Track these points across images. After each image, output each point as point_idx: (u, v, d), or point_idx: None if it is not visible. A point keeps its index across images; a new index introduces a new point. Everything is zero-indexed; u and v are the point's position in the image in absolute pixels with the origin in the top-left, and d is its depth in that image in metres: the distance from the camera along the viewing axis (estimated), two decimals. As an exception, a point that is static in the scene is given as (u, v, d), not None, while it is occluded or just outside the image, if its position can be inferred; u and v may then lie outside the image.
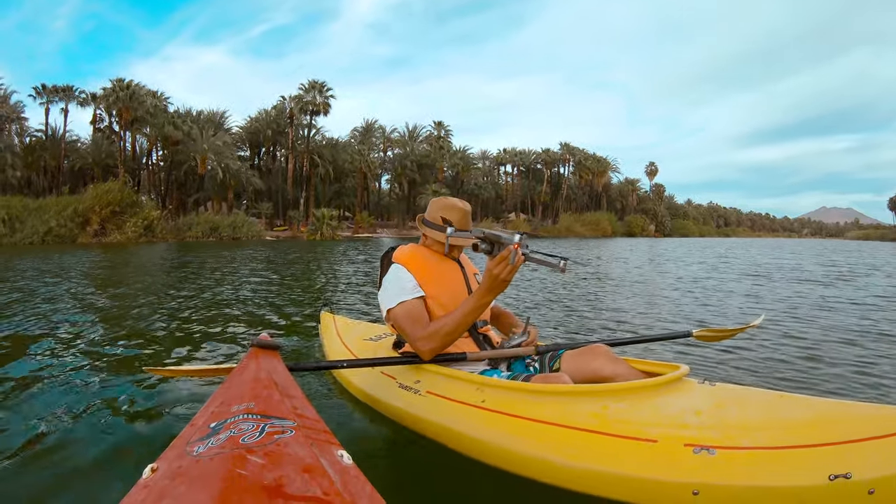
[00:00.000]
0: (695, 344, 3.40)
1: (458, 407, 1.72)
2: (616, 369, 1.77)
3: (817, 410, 1.35)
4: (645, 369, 1.81)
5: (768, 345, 3.71)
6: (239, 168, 37.70)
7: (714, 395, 1.50)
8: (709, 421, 1.36)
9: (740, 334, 2.62)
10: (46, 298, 5.68)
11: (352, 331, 2.89)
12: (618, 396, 1.51)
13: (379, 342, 2.50)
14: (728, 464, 1.24)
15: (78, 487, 1.60)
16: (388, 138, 53.21)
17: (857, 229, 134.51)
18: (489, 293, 1.70)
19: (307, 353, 3.32)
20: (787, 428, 1.28)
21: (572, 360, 1.88)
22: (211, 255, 15.40)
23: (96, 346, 3.41)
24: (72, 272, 8.99)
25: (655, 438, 1.35)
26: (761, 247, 30.10)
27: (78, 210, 25.46)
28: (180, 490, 0.70)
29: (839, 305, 5.92)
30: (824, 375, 2.97)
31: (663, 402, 1.48)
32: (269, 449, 0.80)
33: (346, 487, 0.73)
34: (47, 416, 2.13)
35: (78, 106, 37.58)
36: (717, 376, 2.85)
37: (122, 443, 1.93)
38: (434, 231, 2.00)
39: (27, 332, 3.88)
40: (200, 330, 4.06)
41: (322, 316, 3.38)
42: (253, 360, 1.38)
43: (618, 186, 72.23)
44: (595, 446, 1.41)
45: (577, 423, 1.47)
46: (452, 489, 1.69)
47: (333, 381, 2.57)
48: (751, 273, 10.45)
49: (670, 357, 3.29)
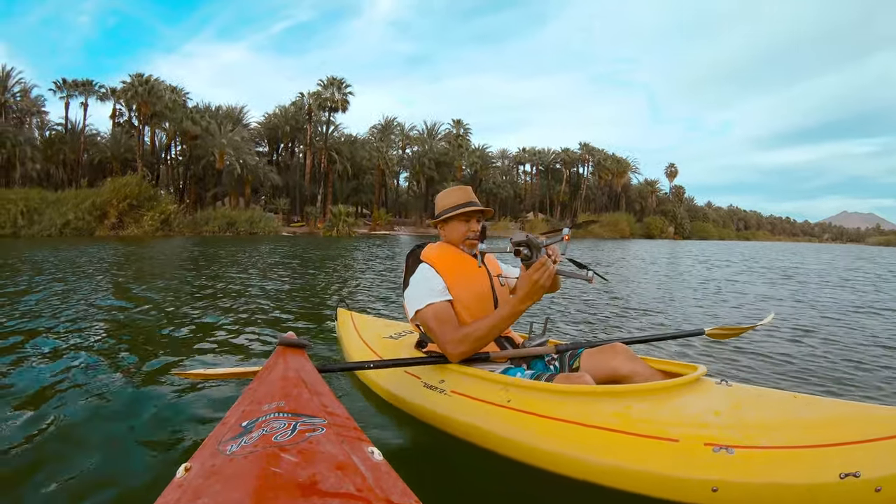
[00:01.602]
0: (708, 342, 3.54)
1: (484, 406, 1.75)
2: (635, 368, 1.79)
3: (829, 411, 1.41)
4: (662, 368, 1.85)
5: (789, 345, 3.81)
6: (257, 163, 37.57)
7: (731, 396, 1.56)
8: (727, 421, 1.41)
9: (754, 332, 2.78)
10: (66, 293, 5.47)
11: (370, 328, 2.88)
12: (640, 397, 1.55)
13: (400, 340, 2.51)
14: (746, 462, 1.29)
15: (112, 488, 1.59)
16: (406, 136, 52.75)
17: (878, 235, 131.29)
18: (527, 300, 1.69)
19: (330, 351, 3.25)
20: (801, 428, 1.34)
21: (592, 358, 1.89)
22: (227, 250, 15.28)
23: (121, 346, 3.32)
24: (89, 266, 8.79)
25: (677, 438, 1.40)
26: (780, 251, 29.61)
27: (96, 203, 25.17)
28: (216, 488, 0.70)
29: (854, 308, 5.94)
30: (838, 377, 3.03)
31: (683, 403, 1.53)
32: (301, 447, 0.80)
33: (379, 483, 0.73)
34: (78, 419, 2.11)
35: (98, 100, 37.57)
36: (732, 375, 2.90)
37: (154, 443, 1.91)
38: (452, 221, 2.02)
39: (47, 329, 3.70)
40: (222, 327, 3.98)
41: (339, 313, 3.36)
42: (281, 359, 1.37)
43: (637, 187, 70.94)
44: (619, 445, 1.46)
45: (602, 423, 1.51)
46: (480, 485, 1.69)
47: (357, 380, 2.54)
48: (775, 276, 10.33)
49: (689, 353, 3.41)
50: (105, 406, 2.25)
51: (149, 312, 4.54)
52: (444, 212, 2.03)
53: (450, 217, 2.02)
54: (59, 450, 1.83)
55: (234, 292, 6.00)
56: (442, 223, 2.06)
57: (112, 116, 38.61)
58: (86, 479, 1.63)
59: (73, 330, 3.71)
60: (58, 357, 2.98)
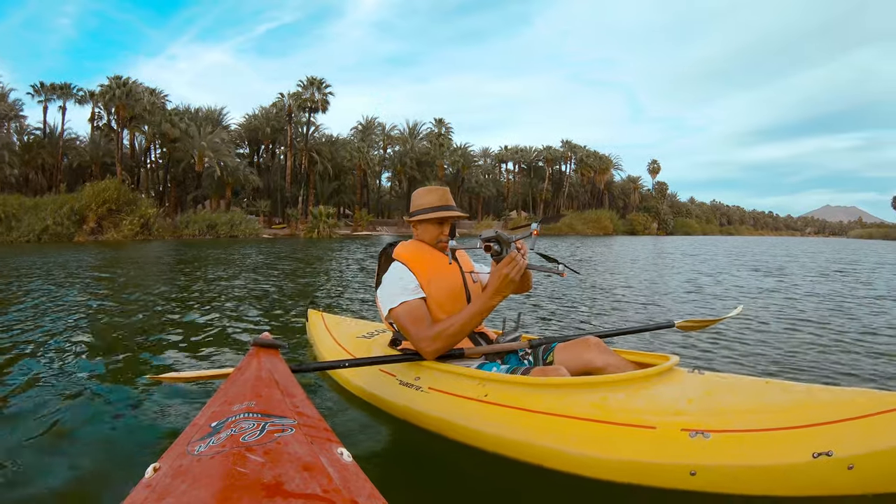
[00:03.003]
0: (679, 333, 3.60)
1: (462, 402, 1.76)
2: (608, 360, 1.83)
3: (800, 395, 1.44)
4: (634, 360, 1.89)
5: (760, 335, 3.96)
6: (237, 165, 37.51)
7: (705, 384, 1.59)
8: (702, 407, 1.45)
9: (726, 324, 2.86)
10: (39, 299, 5.54)
11: (342, 328, 2.89)
12: (616, 387, 1.59)
13: (373, 339, 2.50)
14: (722, 446, 1.33)
15: (82, 490, 1.62)
16: (388, 135, 52.92)
17: (860, 228, 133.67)
18: (498, 294, 1.72)
19: (300, 353, 3.26)
20: (773, 411, 1.37)
21: (565, 351, 1.92)
22: (206, 253, 15.30)
23: (95, 350, 3.34)
24: (63, 271, 8.85)
25: (654, 425, 1.43)
26: (758, 245, 29.85)
27: (74, 208, 25.29)
28: (181, 488, 0.71)
29: (824, 300, 6.15)
30: (807, 363, 3.16)
31: (658, 392, 1.57)
32: (268, 447, 0.80)
33: (346, 485, 0.73)
34: (49, 421, 2.11)
35: (76, 104, 37.48)
36: (704, 365, 2.96)
37: (126, 444, 1.94)
38: (425, 223, 2.03)
39: (22, 334, 3.77)
40: (196, 330, 4.00)
41: (309, 314, 3.36)
42: (254, 359, 1.38)
43: (620, 184, 71.80)
44: (598, 434, 1.48)
45: (580, 414, 1.53)
46: (456, 480, 1.72)
47: (332, 380, 2.53)
48: (751, 268, 10.54)
49: (659, 345, 3.45)
50: (79, 409, 2.26)
51: (124, 317, 4.56)
52: (419, 212, 2.04)
53: (423, 219, 2.03)
54: (31, 452, 1.85)
55: (210, 296, 6.03)
56: (415, 222, 2.06)
57: (91, 120, 38.42)
58: (57, 482, 1.65)
59: (47, 334, 3.74)
60: (31, 362, 3.01)
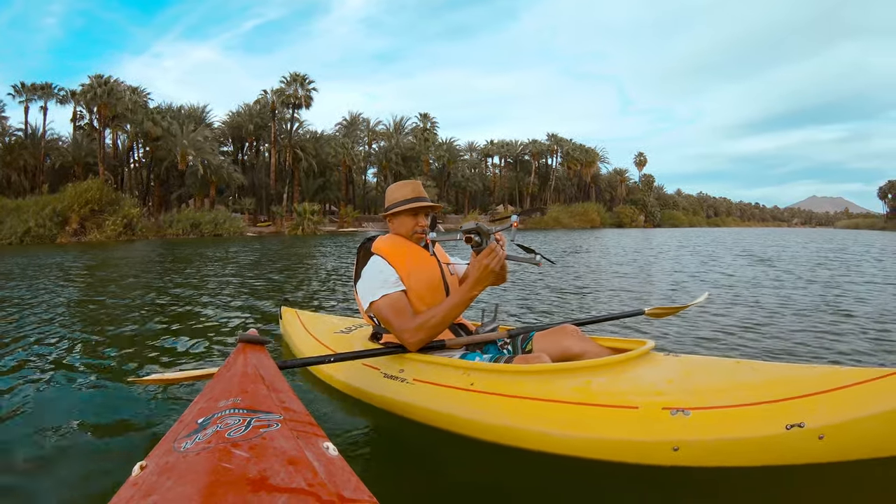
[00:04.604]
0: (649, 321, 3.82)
1: (448, 391, 1.81)
2: (585, 347, 1.91)
3: (772, 372, 1.54)
4: (611, 346, 1.99)
5: (729, 319, 4.28)
6: (220, 163, 37.41)
7: (682, 365, 1.69)
8: (681, 387, 1.54)
9: (694, 309, 3.12)
10: (21, 301, 5.59)
11: (319, 324, 2.90)
12: (598, 371, 1.66)
13: (352, 334, 2.52)
14: (701, 422, 1.41)
15: (69, 491, 1.62)
16: (373, 131, 52.90)
17: (846, 218, 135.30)
18: (478, 285, 1.77)
19: (278, 350, 3.25)
20: (748, 388, 1.47)
21: (543, 340, 1.99)
22: (189, 252, 15.33)
23: (80, 352, 3.35)
24: (43, 274, 8.91)
25: (637, 405, 1.50)
26: (742, 236, 30.02)
27: (57, 209, 25.31)
28: (167, 485, 0.72)
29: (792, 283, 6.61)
30: (775, 343, 3.40)
31: (638, 374, 1.65)
32: (254, 442, 0.82)
33: (331, 479, 0.74)
34: (34, 424, 2.13)
35: (58, 104, 37.10)
36: (678, 349, 3.11)
37: (114, 443, 1.96)
38: (400, 216, 2.08)
39: (4, 337, 3.79)
40: (180, 331, 4.01)
41: (283, 311, 3.34)
42: (241, 356, 1.39)
43: (607, 177, 72.25)
44: (582, 416, 1.56)
45: (565, 398, 1.60)
46: (442, 469, 1.78)
47: (316, 376, 2.53)
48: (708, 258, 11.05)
49: (630, 333, 3.60)
50: (65, 411, 2.27)
51: (109, 318, 4.57)
52: (392, 206, 2.08)
53: (398, 212, 2.07)
54: (16, 454, 1.85)
55: (192, 295, 6.06)
56: (391, 216, 2.10)
57: (73, 120, 38.09)
58: (44, 484, 1.66)
59: (30, 337, 3.74)
60: (15, 364, 3.00)
